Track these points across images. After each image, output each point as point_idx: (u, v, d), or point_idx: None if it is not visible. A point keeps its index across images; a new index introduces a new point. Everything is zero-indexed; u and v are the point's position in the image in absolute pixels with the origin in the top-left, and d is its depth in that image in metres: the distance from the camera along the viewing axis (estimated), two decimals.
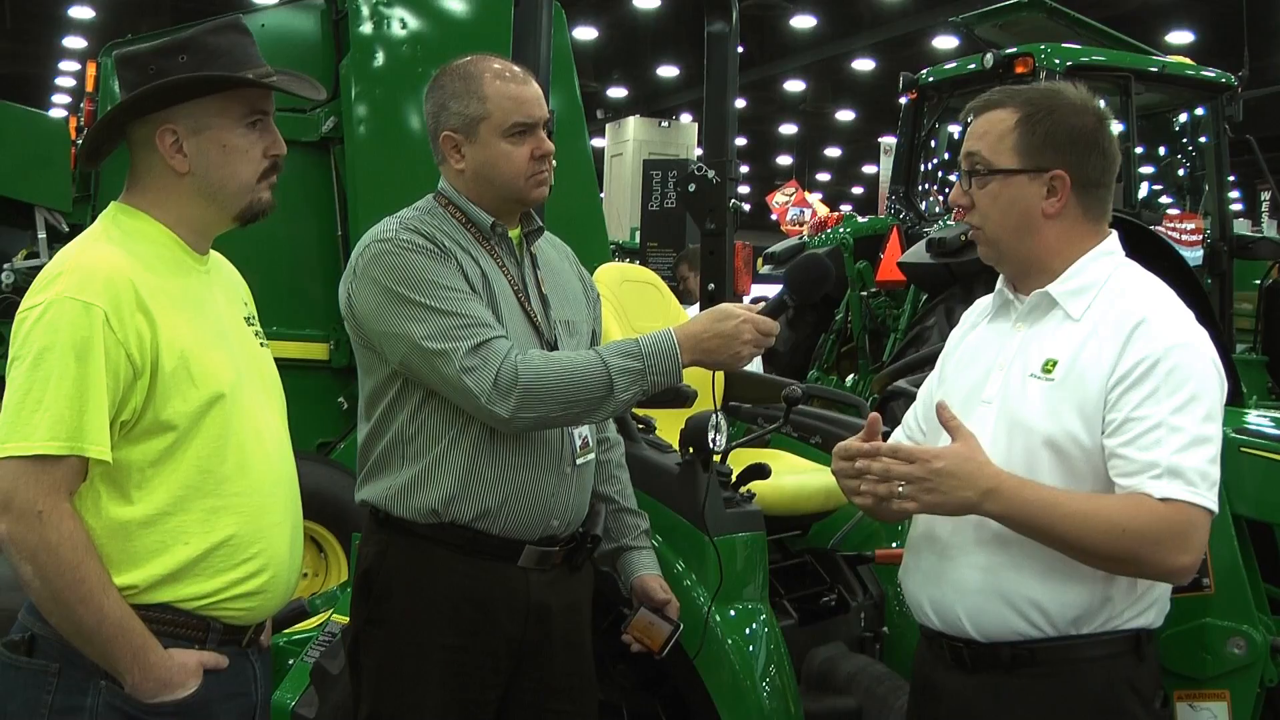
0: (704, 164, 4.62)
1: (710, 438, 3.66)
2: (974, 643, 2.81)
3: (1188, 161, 11.74)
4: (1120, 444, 2.65)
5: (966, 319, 3.16)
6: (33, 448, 2.47)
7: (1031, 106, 2.84)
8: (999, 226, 2.87)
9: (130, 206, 2.75)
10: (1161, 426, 2.62)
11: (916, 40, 27.59)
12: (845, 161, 45.45)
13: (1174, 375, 2.66)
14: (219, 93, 2.71)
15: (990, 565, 2.78)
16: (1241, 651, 3.35)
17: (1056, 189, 2.82)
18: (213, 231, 2.84)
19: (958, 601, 2.82)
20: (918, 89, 11.10)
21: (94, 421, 2.50)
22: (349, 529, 5.61)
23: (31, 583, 2.50)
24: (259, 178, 2.78)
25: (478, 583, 3.16)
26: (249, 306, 2.98)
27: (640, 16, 29.17)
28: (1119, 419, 2.67)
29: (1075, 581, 2.72)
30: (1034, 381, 2.79)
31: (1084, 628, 2.74)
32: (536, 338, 3.22)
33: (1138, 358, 2.68)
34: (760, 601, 3.78)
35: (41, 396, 2.49)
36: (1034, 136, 2.82)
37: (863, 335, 10.90)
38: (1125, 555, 2.63)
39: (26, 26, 29.32)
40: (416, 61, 7.61)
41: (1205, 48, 23.17)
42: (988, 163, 2.85)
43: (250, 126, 2.76)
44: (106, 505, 2.58)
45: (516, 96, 3.19)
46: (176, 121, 2.70)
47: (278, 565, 2.77)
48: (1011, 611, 2.76)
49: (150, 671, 2.57)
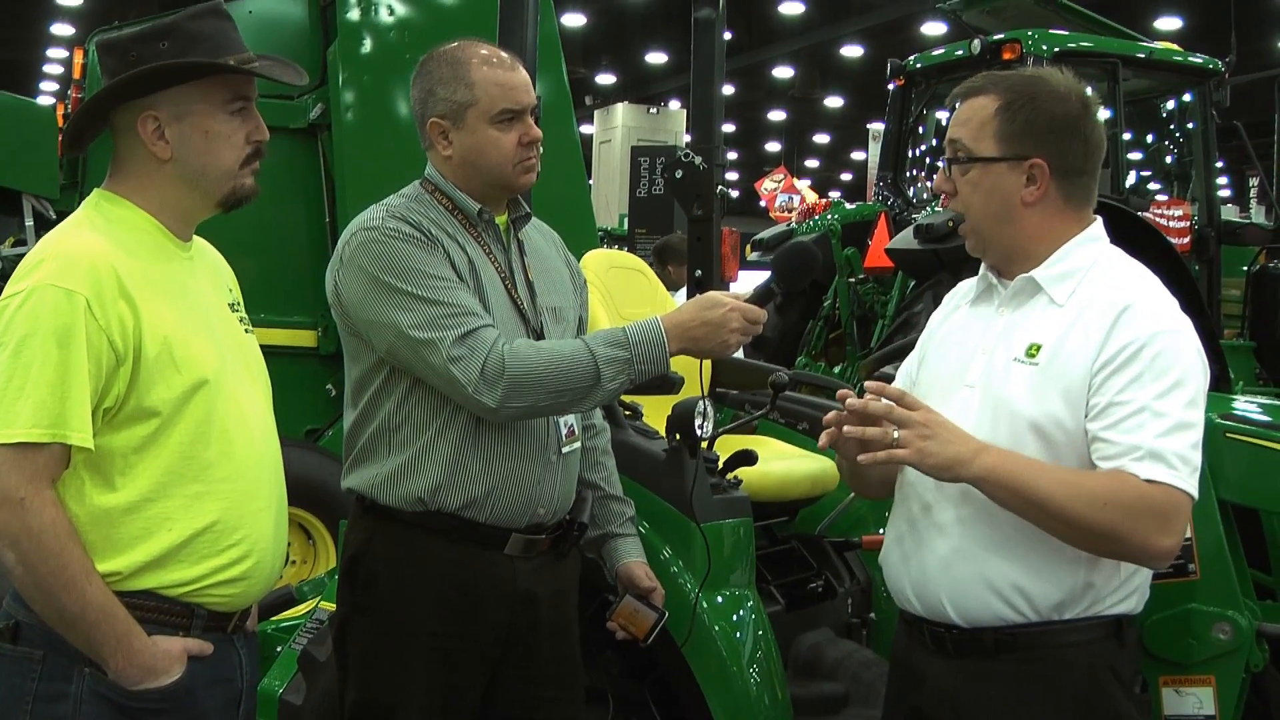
0: (691, 150, 4.62)
1: (697, 424, 3.66)
2: (956, 627, 2.81)
3: (1175, 147, 11.77)
4: (1103, 427, 2.66)
5: (949, 301, 3.15)
6: (14, 435, 2.47)
7: (1013, 94, 2.83)
8: (980, 214, 2.87)
9: (113, 193, 2.75)
10: (1145, 411, 2.63)
11: (905, 26, 27.59)
12: (833, 148, 45.48)
13: (1159, 360, 2.66)
14: (200, 79, 2.70)
15: (972, 548, 2.77)
16: (1227, 637, 3.37)
17: (1036, 177, 2.81)
18: (196, 218, 2.83)
19: (941, 586, 2.82)
20: (905, 75, 11.11)
21: (76, 408, 2.50)
22: (337, 516, 5.60)
23: (14, 570, 2.51)
24: (241, 164, 2.77)
25: (464, 570, 3.17)
26: (234, 292, 2.97)
27: (628, 2, 29.17)
28: (1103, 403, 2.67)
29: (1059, 566, 2.72)
30: (1018, 366, 2.79)
31: (1066, 613, 2.74)
32: (523, 325, 3.22)
33: (1123, 342, 2.68)
34: (747, 587, 3.78)
35: (23, 384, 2.49)
36: (1014, 124, 2.81)
37: (850, 321, 10.90)
38: (1107, 530, 2.62)
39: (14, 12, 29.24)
40: (404, 47, 7.59)
41: (1193, 33, 23.21)
42: (969, 150, 2.85)
43: (233, 113, 2.75)
44: (90, 492, 2.58)
45: (504, 83, 3.18)
46: (158, 108, 2.69)
47: (262, 551, 2.77)
48: (994, 596, 2.76)
49: (134, 658, 2.57)
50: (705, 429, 3.69)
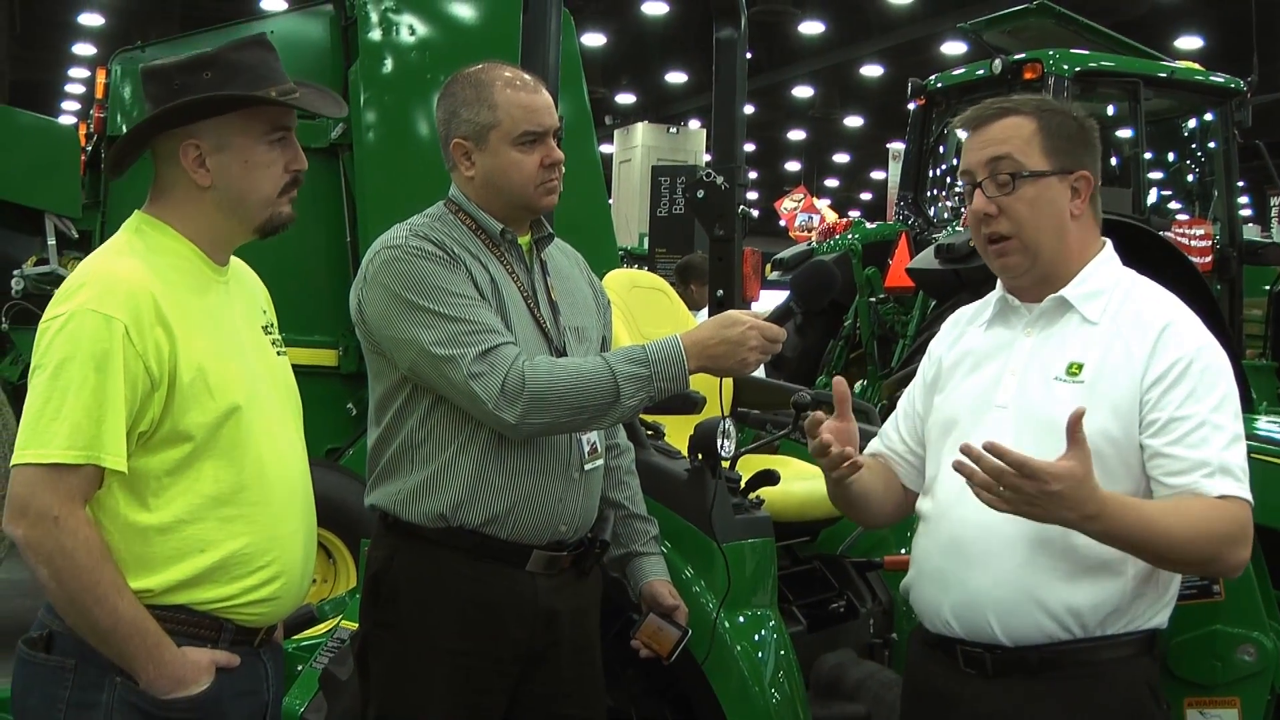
0: (713, 170, 4.62)
1: (719, 444, 3.65)
2: (999, 647, 2.79)
3: (1197, 167, 11.75)
4: (1167, 443, 2.68)
5: (950, 329, 3.12)
6: (50, 455, 2.53)
7: (1044, 111, 2.87)
8: (1034, 229, 2.84)
9: (153, 217, 2.81)
10: (1206, 425, 2.66)
11: (925, 46, 27.61)
12: (853, 167, 45.53)
13: (1207, 374, 2.71)
14: (241, 109, 2.77)
15: (1021, 568, 2.76)
16: (1252, 658, 3.35)
17: (1080, 190, 2.85)
18: (233, 243, 2.90)
19: (988, 607, 2.79)
20: (926, 95, 11.12)
21: (111, 432, 2.56)
22: (358, 535, 5.61)
23: (49, 585, 2.57)
24: (280, 192, 2.85)
25: (486, 587, 3.17)
26: (268, 315, 3.03)
27: (649, 22, 29.25)
28: (1162, 418, 2.69)
29: (1107, 580, 2.73)
30: (1060, 385, 2.79)
31: (1110, 628, 2.75)
32: (546, 344, 3.22)
33: (1171, 359, 2.71)
34: (769, 607, 3.77)
35: (60, 406, 2.55)
36: (1058, 138, 2.84)
37: (871, 341, 10.90)
38: (1206, 557, 2.68)
39: (36, 33, 29.40)
40: (425, 68, 7.63)
41: (1214, 53, 23.18)
42: (1020, 166, 2.82)
43: (272, 143, 2.82)
44: (125, 511, 2.64)
45: (527, 105, 3.20)
46: (200, 136, 2.76)
47: (290, 573, 2.82)
48: (1044, 614, 2.75)
49: (164, 669, 2.63)
50: (727, 449, 3.68)
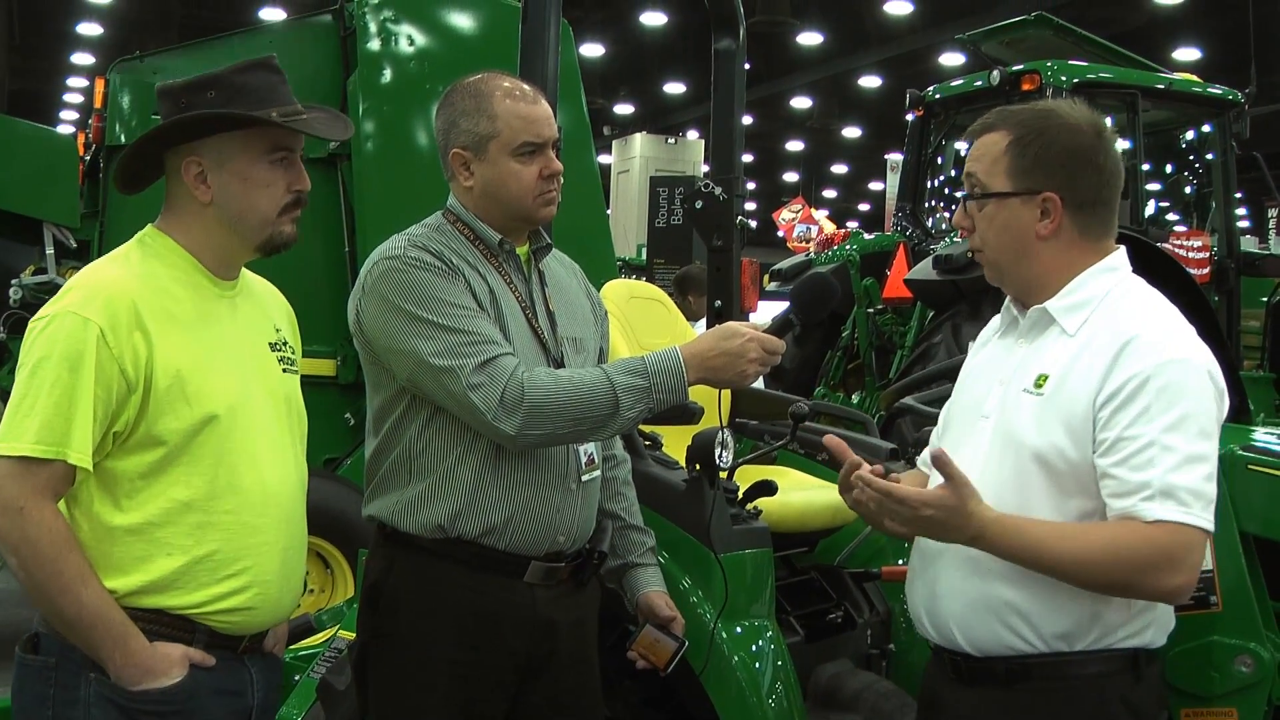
0: (711, 181, 4.63)
1: (717, 454, 3.66)
2: (970, 656, 2.81)
3: (1194, 178, 11.75)
4: (1112, 464, 2.63)
5: (983, 336, 3.15)
6: (20, 449, 2.63)
7: (1023, 128, 2.84)
8: (996, 249, 2.88)
9: (159, 230, 2.91)
10: (1154, 446, 2.60)
11: (923, 57, 27.65)
12: (852, 178, 45.55)
13: (1165, 393, 2.63)
14: (242, 129, 2.84)
15: (978, 574, 2.77)
16: (1249, 669, 3.35)
17: (1049, 211, 2.81)
18: (237, 259, 2.97)
19: (950, 613, 2.83)
20: (924, 106, 11.12)
21: (79, 430, 2.65)
22: (355, 545, 5.60)
23: (18, 574, 2.67)
24: (280, 211, 2.91)
25: (484, 598, 3.17)
26: (282, 333, 3.09)
27: (647, 33, 29.28)
28: (1110, 438, 2.65)
29: (1064, 597, 2.71)
30: (1026, 396, 2.79)
31: (1076, 644, 2.73)
32: (543, 355, 3.22)
33: (1127, 375, 2.65)
34: (766, 618, 3.77)
35: (34, 402, 2.65)
36: (1024, 159, 2.81)
37: (869, 352, 10.89)
38: (1118, 582, 2.64)
39: (35, 43, 29.46)
40: (424, 78, 7.63)
41: (1212, 64, 23.21)
42: (983, 185, 2.86)
43: (273, 162, 2.89)
44: (99, 510, 2.73)
45: (526, 116, 3.20)
46: (202, 154, 2.85)
47: (265, 584, 2.87)
48: (1000, 624, 2.76)
49: (131, 658, 2.70)
50: (725, 459, 3.68)
